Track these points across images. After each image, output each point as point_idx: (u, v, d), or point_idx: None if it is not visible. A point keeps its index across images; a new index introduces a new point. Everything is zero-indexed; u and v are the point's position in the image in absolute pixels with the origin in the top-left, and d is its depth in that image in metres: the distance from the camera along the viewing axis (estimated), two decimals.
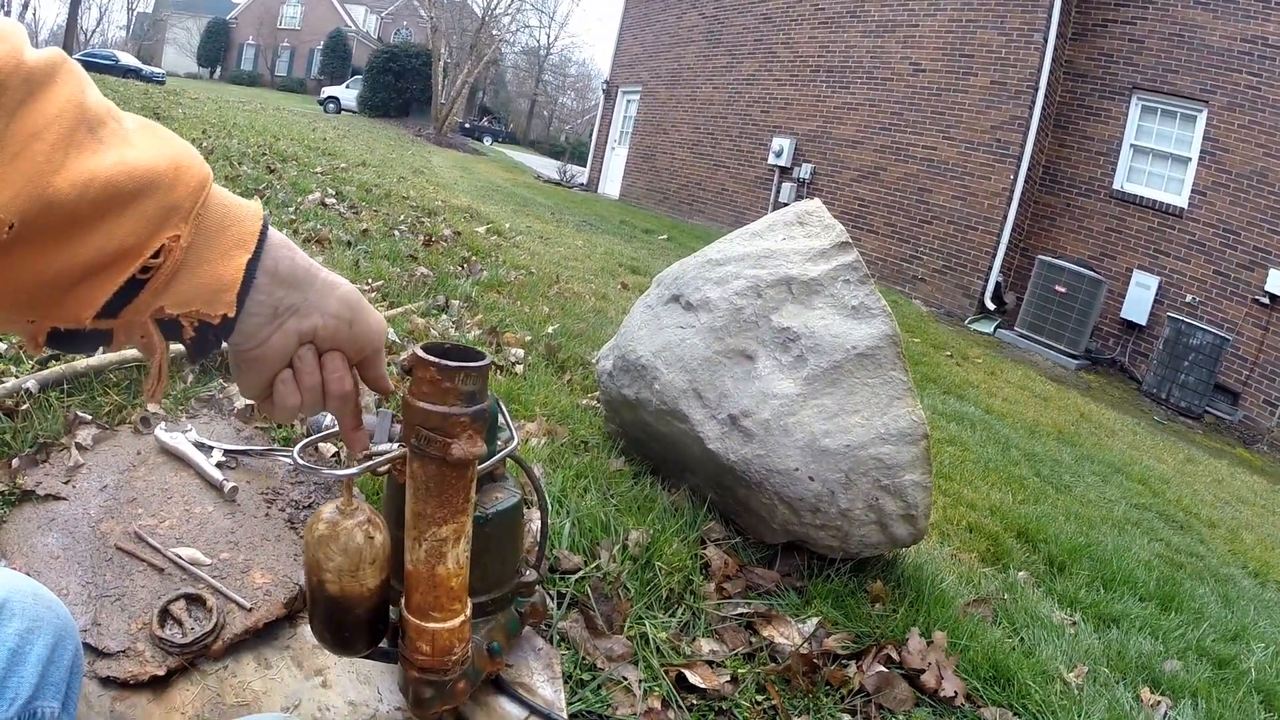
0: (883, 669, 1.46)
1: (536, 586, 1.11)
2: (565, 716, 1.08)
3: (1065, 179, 9.23)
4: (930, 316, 8.58)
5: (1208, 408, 7.66)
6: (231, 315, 0.47)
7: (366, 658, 0.89)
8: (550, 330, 3.02)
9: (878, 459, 1.68)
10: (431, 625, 0.80)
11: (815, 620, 1.58)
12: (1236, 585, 2.85)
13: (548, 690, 1.09)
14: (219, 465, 1.40)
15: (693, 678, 1.31)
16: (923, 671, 1.47)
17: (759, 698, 1.34)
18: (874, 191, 10.39)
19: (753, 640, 1.49)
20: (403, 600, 0.82)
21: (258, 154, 5.52)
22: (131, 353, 1.68)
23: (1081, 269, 8.16)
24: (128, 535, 1.19)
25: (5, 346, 1.65)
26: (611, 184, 16.23)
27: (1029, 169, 8.96)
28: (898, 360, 1.81)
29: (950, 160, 9.56)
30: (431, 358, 0.73)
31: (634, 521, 1.61)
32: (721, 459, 1.68)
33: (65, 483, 1.32)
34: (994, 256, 9.09)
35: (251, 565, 1.17)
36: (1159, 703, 1.70)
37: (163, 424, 1.53)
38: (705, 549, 1.69)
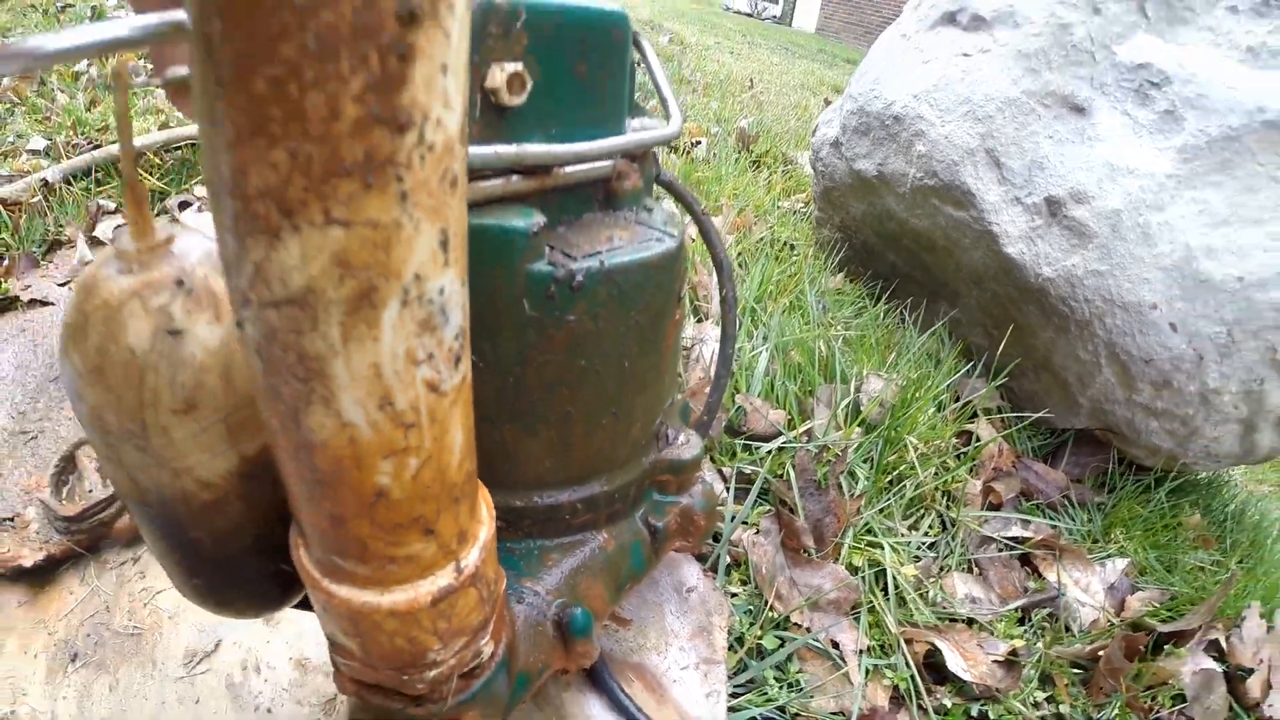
0: (1210, 662, 0.88)
1: (698, 469, 0.56)
2: None
3: None
4: None
5: None
6: None
7: (298, 608, 0.39)
8: (744, 123, 2.35)
9: None
10: (345, 592, 0.27)
11: (1123, 564, 0.98)
12: None
13: (694, 685, 0.55)
14: None
15: (951, 657, 0.75)
16: (1249, 673, 0.91)
17: (1039, 695, 0.78)
18: None
19: (1029, 585, 0.92)
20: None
21: None
22: (181, 131, 1.28)
23: None
24: None
25: (47, 144, 1.29)
26: (807, 18, 14.93)
27: None
28: None
29: None
30: None
31: (872, 363, 1.00)
32: (1025, 272, 1.01)
33: (63, 284, 0.96)
34: None
35: None
36: None
37: (200, 203, 1.11)
38: (974, 423, 1.07)
